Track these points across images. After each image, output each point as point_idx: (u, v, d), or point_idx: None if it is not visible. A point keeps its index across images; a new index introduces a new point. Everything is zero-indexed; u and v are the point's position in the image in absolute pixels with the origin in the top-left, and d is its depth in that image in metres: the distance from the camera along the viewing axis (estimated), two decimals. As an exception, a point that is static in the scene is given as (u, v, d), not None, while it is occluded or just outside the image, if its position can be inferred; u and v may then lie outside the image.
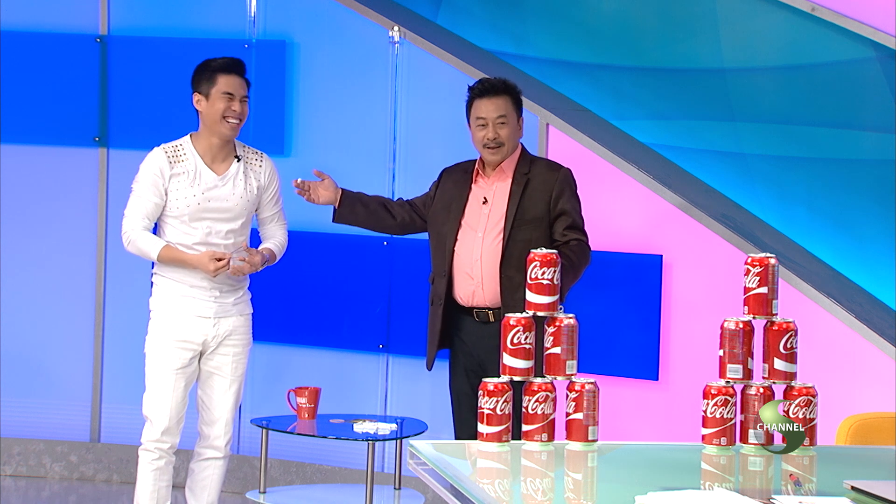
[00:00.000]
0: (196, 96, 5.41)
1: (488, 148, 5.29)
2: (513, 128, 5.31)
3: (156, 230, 5.43)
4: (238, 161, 5.44)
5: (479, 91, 5.33)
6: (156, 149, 5.43)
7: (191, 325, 5.36)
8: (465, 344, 5.31)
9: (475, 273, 5.26)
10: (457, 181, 5.42)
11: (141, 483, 5.41)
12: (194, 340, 5.37)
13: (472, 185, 5.37)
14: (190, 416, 5.47)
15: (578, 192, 5.34)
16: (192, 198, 5.34)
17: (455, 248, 5.30)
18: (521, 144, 5.38)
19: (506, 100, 5.31)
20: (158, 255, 5.33)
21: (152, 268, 5.47)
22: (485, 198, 5.31)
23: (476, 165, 5.39)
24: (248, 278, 5.51)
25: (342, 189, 5.50)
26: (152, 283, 5.45)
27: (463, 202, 5.35)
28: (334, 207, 5.51)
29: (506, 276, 5.21)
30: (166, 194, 5.35)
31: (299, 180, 5.47)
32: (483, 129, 5.29)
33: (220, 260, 5.31)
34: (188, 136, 5.44)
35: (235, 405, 5.49)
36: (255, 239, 5.55)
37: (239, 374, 5.46)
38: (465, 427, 5.25)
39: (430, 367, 5.39)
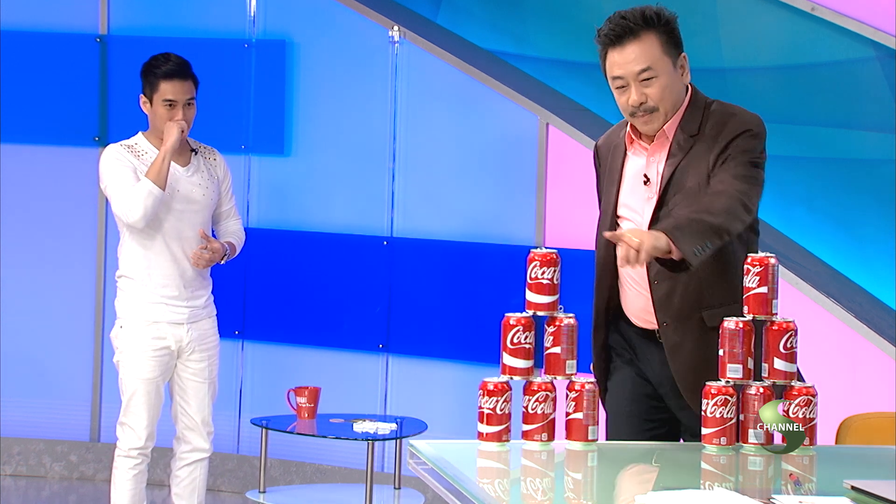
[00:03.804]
0: (142, 97, 5.28)
1: (636, 116, 3.81)
2: (668, 79, 3.77)
3: (118, 239, 5.34)
4: (195, 154, 5.35)
5: (608, 38, 3.77)
6: (109, 147, 5.30)
7: (165, 332, 5.27)
8: (638, 364, 4.00)
9: (642, 281, 3.89)
10: (613, 155, 3.94)
11: (120, 490, 5.33)
12: (170, 347, 5.29)
13: (627, 158, 3.90)
14: (163, 408, 5.41)
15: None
16: None
17: (617, 254, 3.66)
18: (692, 86, 3.87)
19: (649, 41, 3.74)
20: (151, 184, 5.09)
21: (117, 269, 5.38)
22: (646, 175, 3.85)
23: (628, 128, 3.91)
24: (211, 281, 5.42)
25: None
26: (117, 285, 5.36)
27: (615, 187, 3.89)
28: None
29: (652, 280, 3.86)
30: None
31: None
32: (624, 92, 3.79)
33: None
34: (139, 133, 5.32)
35: (213, 402, 5.43)
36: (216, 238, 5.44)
37: (214, 376, 5.41)
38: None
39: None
